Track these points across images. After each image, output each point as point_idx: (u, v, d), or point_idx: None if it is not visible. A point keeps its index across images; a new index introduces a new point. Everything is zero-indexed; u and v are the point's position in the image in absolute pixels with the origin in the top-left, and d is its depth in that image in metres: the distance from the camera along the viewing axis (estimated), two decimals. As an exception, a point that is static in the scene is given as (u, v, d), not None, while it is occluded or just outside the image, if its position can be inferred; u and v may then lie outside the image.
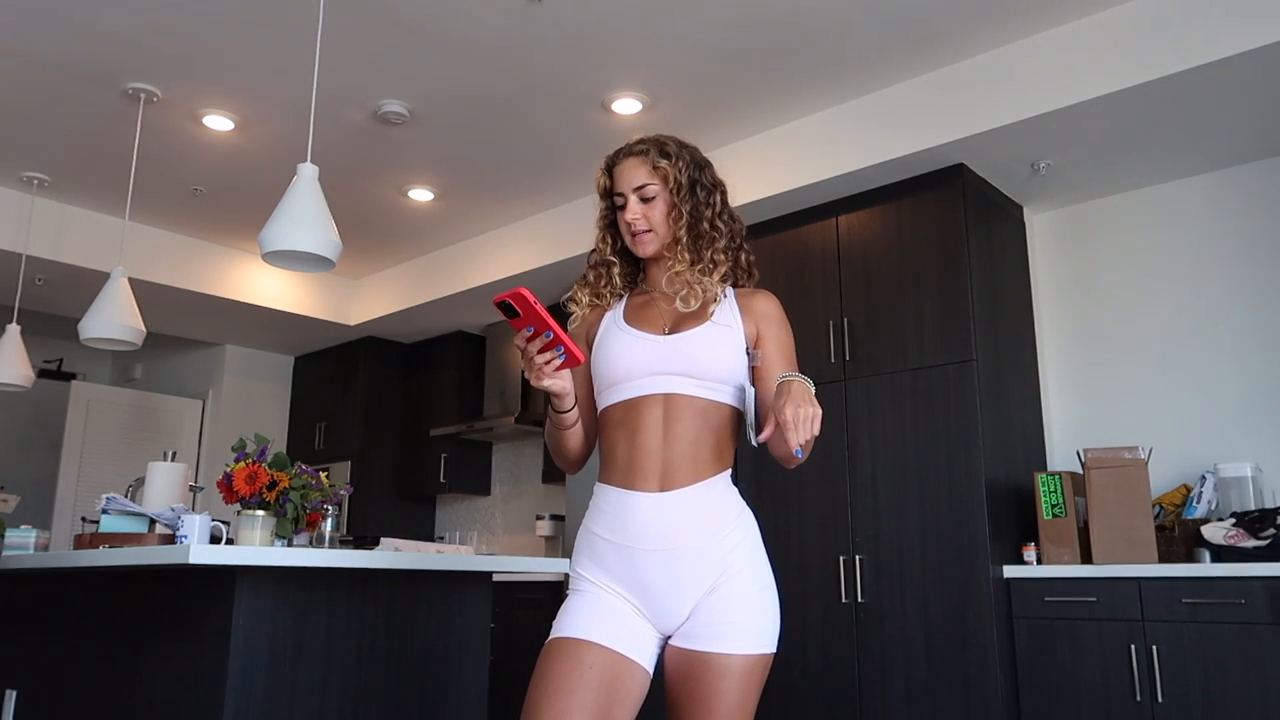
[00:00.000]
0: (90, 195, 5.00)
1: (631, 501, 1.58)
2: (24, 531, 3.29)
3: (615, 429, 1.64)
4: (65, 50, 3.63)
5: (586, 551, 1.64)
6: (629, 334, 1.68)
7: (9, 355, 4.53)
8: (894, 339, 3.86)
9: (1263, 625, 2.99)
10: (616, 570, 1.58)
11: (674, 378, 1.62)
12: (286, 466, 2.78)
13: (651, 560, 1.56)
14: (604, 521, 1.61)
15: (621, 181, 1.71)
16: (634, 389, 1.63)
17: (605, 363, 1.67)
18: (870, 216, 4.04)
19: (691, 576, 1.55)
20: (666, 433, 1.60)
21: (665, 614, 1.57)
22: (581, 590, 1.62)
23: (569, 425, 1.69)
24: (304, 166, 2.83)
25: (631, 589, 1.58)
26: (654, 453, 1.59)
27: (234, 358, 6.79)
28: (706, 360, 1.63)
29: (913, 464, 3.71)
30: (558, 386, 1.57)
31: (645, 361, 1.63)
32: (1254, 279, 3.72)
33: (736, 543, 1.60)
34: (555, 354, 1.49)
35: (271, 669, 2.39)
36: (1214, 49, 3.06)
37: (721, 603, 1.55)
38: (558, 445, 1.74)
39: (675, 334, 1.66)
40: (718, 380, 1.64)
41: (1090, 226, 4.16)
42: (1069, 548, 3.47)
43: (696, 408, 1.62)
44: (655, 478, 1.58)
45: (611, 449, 1.65)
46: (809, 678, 3.80)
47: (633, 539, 1.57)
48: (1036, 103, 3.43)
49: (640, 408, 1.62)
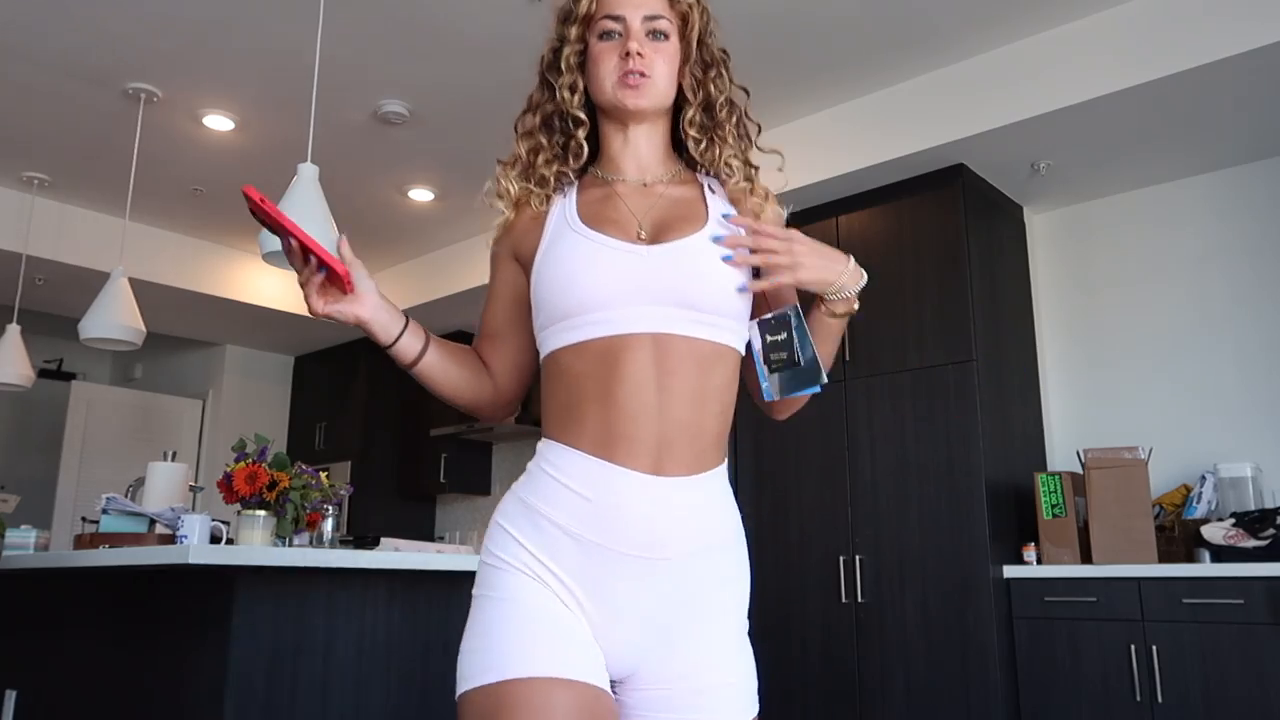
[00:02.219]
0: (90, 195, 5.00)
1: (615, 482, 1.11)
2: (24, 531, 3.30)
3: (578, 382, 1.15)
4: (65, 50, 3.63)
5: (529, 535, 1.14)
6: (592, 241, 1.18)
7: (9, 355, 4.53)
8: (894, 339, 3.86)
9: (1263, 625, 2.99)
10: (574, 575, 1.12)
11: (666, 309, 1.14)
12: (286, 466, 2.78)
13: (629, 571, 1.11)
14: (565, 503, 1.12)
15: (623, 3, 1.24)
16: (607, 324, 1.14)
17: (561, 284, 1.17)
18: (870, 216, 4.04)
19: (673, 602, 1.13)
20: (661, 390, 1.13)
21: (618, 645, 1.13)
22: (511, 594, 1.12)
23: (408, 364, 1.26)
24: (304, 166, 2.83)
25: (588, 605, 1.12)
26: (645, 418, 1.12)
27: (234, 358, 6.79)
28: (714, 283, 1.17)
29: (913, 464, 3.71)
30: (341, 313, 1.18)
31: (624, 283, 1.15)
32: (1254, 279, 3.72)
33: (732, 575, 1.20)
34: (315, 269, 1.18)
35: (271, 669, 2.39)
36: (1214, 49, 3.06)
37: (706, 647, 1.15)
38: (426, 387, 1.31)
39: (662, 243, 1.18)
40: (725, 314, 1.18)
41: (1090, 226, 4.16)
42: (1069, 548, 3.47)
43: (697, 355, 1.16)
44: (647, 453, 1.12)
45: (575, 402, 1.16)
46: (809, 678, 3.80)
47: (610, 536, 1.10)
48: (1036, 103, 3.43)
49: (618, 353, 1.13)
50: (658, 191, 1.26)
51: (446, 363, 1.28)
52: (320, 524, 2.98)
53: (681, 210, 1.23)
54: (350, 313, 1.19)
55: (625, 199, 1.24)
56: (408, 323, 1.25)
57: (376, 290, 1.23)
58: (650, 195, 1.25)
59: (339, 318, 1.19)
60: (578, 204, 1.24)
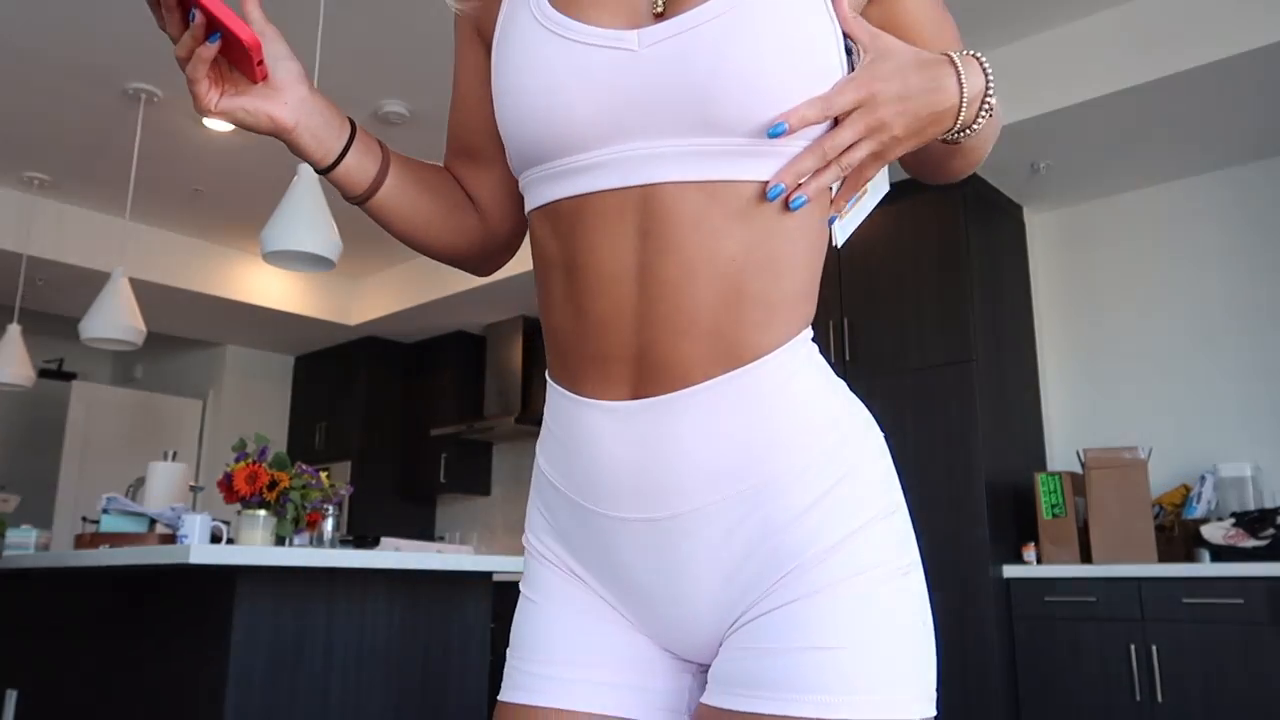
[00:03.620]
0: (90, 195, 5.00)
1: (583, 421, 0.79)
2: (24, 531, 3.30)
3: (548, 268, 0.81)
4: (65, 50, 3.63)
5: (539, 505, 0.87)
6: (555, 34, 0.76)
7: (9, 355, 4.53)
8: (894, 339, 3.86)
9: (1262, 625, 2.99)
10: (578, 545, 0.83)
11: (662, 140, 0.73)
12: (287, 466, 2.78)
13: (628, 536, 0.79)
14: (553, 451, 0.84)
15: None
16: (569, 176, 0.77)
17: (509, 111, 0.79)
18: (870, 216, 4.04)
19: (711, 569, 0.77)
20: (646, 280, 0.74)
21: (675, 632, 0.81)
22: (538, 590, 0.86)
23: (360, 194, 0.90)
24: (304, 166, 2.84)
25: (607, 582, 0.82)
26: (617, 326, 0.76)
27: (234, 358, 6.79)
28: (760, 85, 0.71)
29: (913, 464, 3.71)
30: (247, 113, 0.80)
31: (607, 102, 0.74)
32: (1254, 279, 3.72)
33: (827, 489, 0.75)
34: (200, 38, 0.75)
35: (272, 669, 2.39)
36: (1214, 49, 3.06)
37: (800, 614, 0.72)
38: (387, 230, 0.96)
39: (673, 15, 0.73)
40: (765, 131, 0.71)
41: (1090, 226, 4.16)
42: (1069, 548, 3.47)
43: (724, 212, 0.73)
44: (624, 375, 0.76)
45: (546, 309, 0.82)
46: (809, 678, 3.79)
47: (587, 493, 0.80)
48: (1036, 103, 3.43)
49: (584, 220, 0.76)
50: None
51: (416, 191, 0.93)
52: (320, 524, 2.99)
53: None
54: (262, 112, 0.80)
55: None
56: (354, 132, 0.87)
57: (305, 79, 0.83)
58: None
59: (241, 121, 0.80)
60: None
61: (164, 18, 0.75)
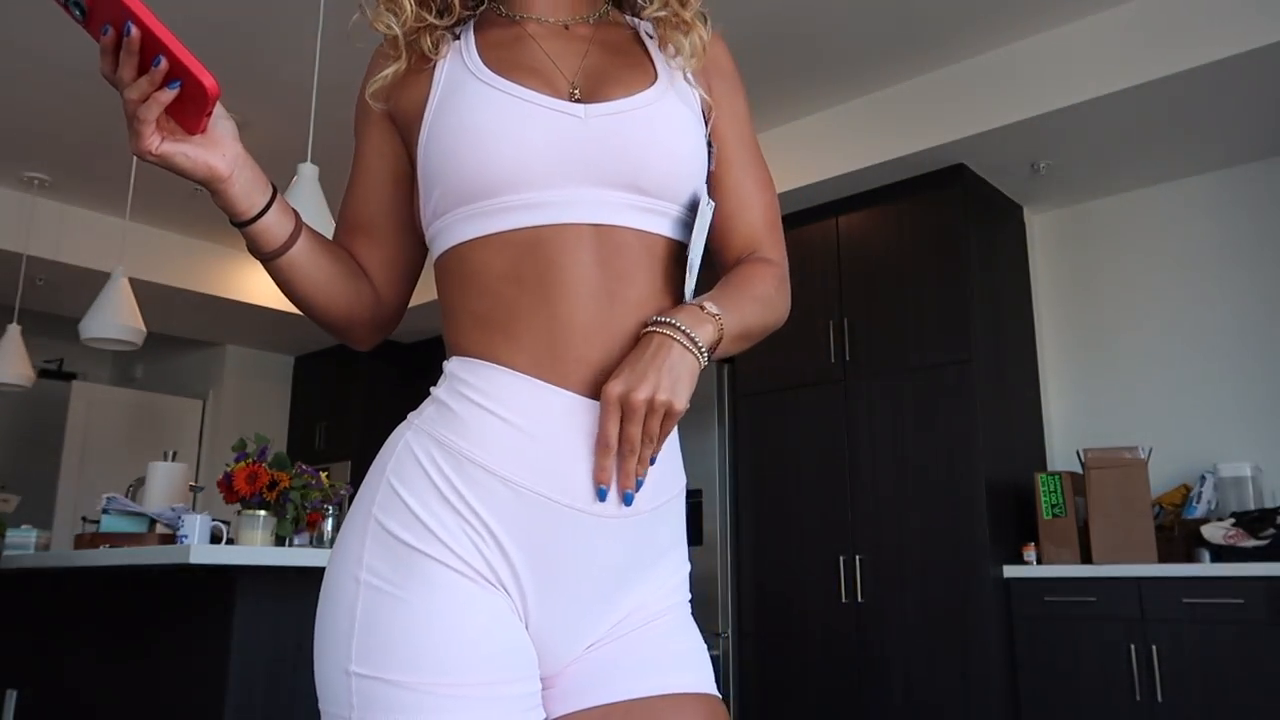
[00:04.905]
0: (90, 195, 5.00)
1: (559, 409, 0.85)
2: (24, 531, 3.30)
3: (500, 287, 0.88)
4: (65, 50, 3.63)
5: (447, 491, 0.84)
6: (508, 94, 0.89)
7: (9, 355, 4.54)
8: (894, 339, 3.86)
9: (1262, 625, 2.99)
10: (520, 545, 0.84)
11: (611, 192, 0.88)
12: (287, 466, 2.78)
13: (579, 533, 0.85)
14: (498, 438, 0.84)
15: None
16: (537, 210, 0.87)
17: (467, 152, 0.88)
18: (870, 216, 4.04)
19: (634, 570, 0.89)
20: (614, 299, 0.88)
21: (567, 634, 0.87)
22: (434, 596, 0.81)
23: (272, 250, 0.93)
24: (304, 166, 2.84)
25: (532, 578, 0.84)
26: (599, 337, 0.87)
27: (234, 358, 6.79)
28: (675, 160, 0.91)
29: (913, 464, 3.71)
30: (188, 159, 0.82)
31: (557, 154, 0.88)
32: (1254, 279, 3.72)
33: (681, 535, 0.96)
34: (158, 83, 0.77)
35: (272, 669, 2.39)
36: (1214, 49, 3.06)
37: (653, 636, 0.91)
38: (286, 293, 0.99)
39: (604, 100, 0.91)
40: (684, 203, 0.93)
41: (1090, 226, 4.16)
42: (1069, 548, 3.47)
43: (652, 255, 0.91)
44: (595, 378, 0.86)
45: (494, 316, 0.89)
46: (809, 678, 3.80)
47: (554, 484, 0.83)
48: (1036, 103, 3.43)
49: (554, 251, 0.87)
50: (581, 34, 0.97)
51: (321, 257, 0.96)
52: (320, 524, 2.99)
53: (620, 61, 0.95)
54: (201, 161, 0.83)
55: (541, 42, 0.95)
56: (275, 194, 0.91)
57: (238, 138, 0.87)
58: (574, 40, 0.96)
59: (180, 167, 0.82)
60: (478, 47, 0.94)
61: (118, 62, 0.77)
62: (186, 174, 0.83)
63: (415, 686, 0.78)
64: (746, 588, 4.04)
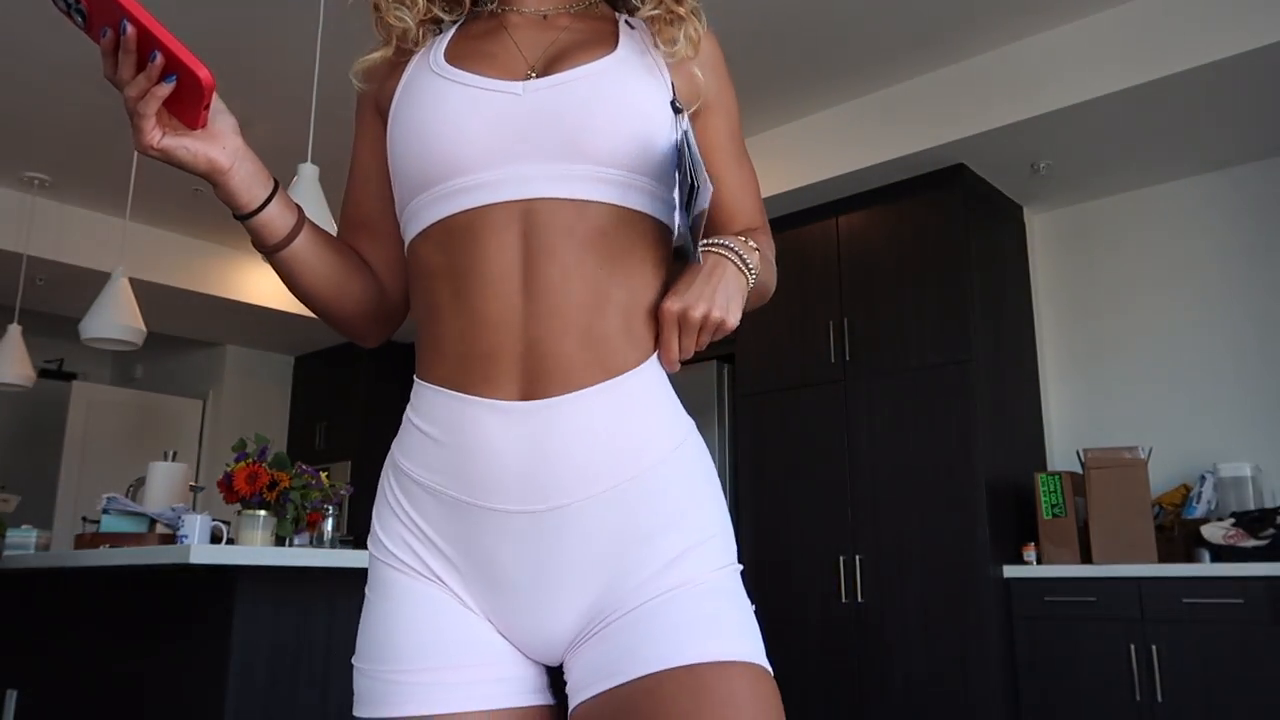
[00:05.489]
0: (90, 195, 5.00)
1: (468, 417, 0.86)
2: (24, 531, 3.30)
3: (433, 279, 0.90)
4: (65, 50, 3.63)
5: (395, 507, 0.92)
6: (450, 81, 0.92)
7: (9, 355, 4.54)
8: (894, 339, 3.86)
9: (1262, 625, 2.99)
10: (448, 544, 0.88)
11: (543, 165, 0.87)
12: (287, 466, 2.78)
13: (509, 532, 0.86)
14: (421, 452, 0.90)
15: None
16: (466, 195, 0.88)
17: (408, 142, 0.91)
18: (870, 216, 4.04)
19: (582, 562, 0.86)
20: (531, 281, 0.86)
21: (532, 627, 0.88)
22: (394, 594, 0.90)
23: (275, 244, 0.95)
24: (304, 166, 2.84)
25: (472, 579, 0.88)
26: (508, 325, 0.86)
27: (234, 358, 6.79)
28: (621, 123, 0.89)
29: (913, 464, 3.71)
30: (188, 153, 0.84)
31: (489, 134, 0.88)
32: (1253, 279, 3.72)
33: (679, 511, 0.88)
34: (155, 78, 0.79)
35: (272, 669, 2.39)
36: (1214, 49, 3.06)
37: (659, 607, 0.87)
38: (291, 288, 1.01)
39: (549, 75, 0.91)
40: (633, 165, 0.89)
41: (1090, 226, 4.16)
42: (1069, 548, 3.47)
43: (589, 226, 0.88)
44: (513, 373, 0.86)
45: (431, 317, 0.91)
46: (809, 678, 3.80)
47: (470, 488, 0.86)
48: (1036, 103, 3.43)
49: (475, 235, 0.88)
50: (560, 24, 0.98)
51: (324, 251, 0.98)
52: (320, 524, 2.99)
53: (584, 41, 0.95)
54: (202, 154, 0.85)
55: (514, 32, 0.97)
56: (277, 187, 0.92)
57: (239, 131, 0.88)
58: (551, 29, 0.97)
59: (181, 160, 0.84)
60: (450, 40, 0.97)
61: (118, 62, 0.79)
62: (188, 167, 0.85)
63: (374, 674, 0.88)
64: (746, 587, 4.03)
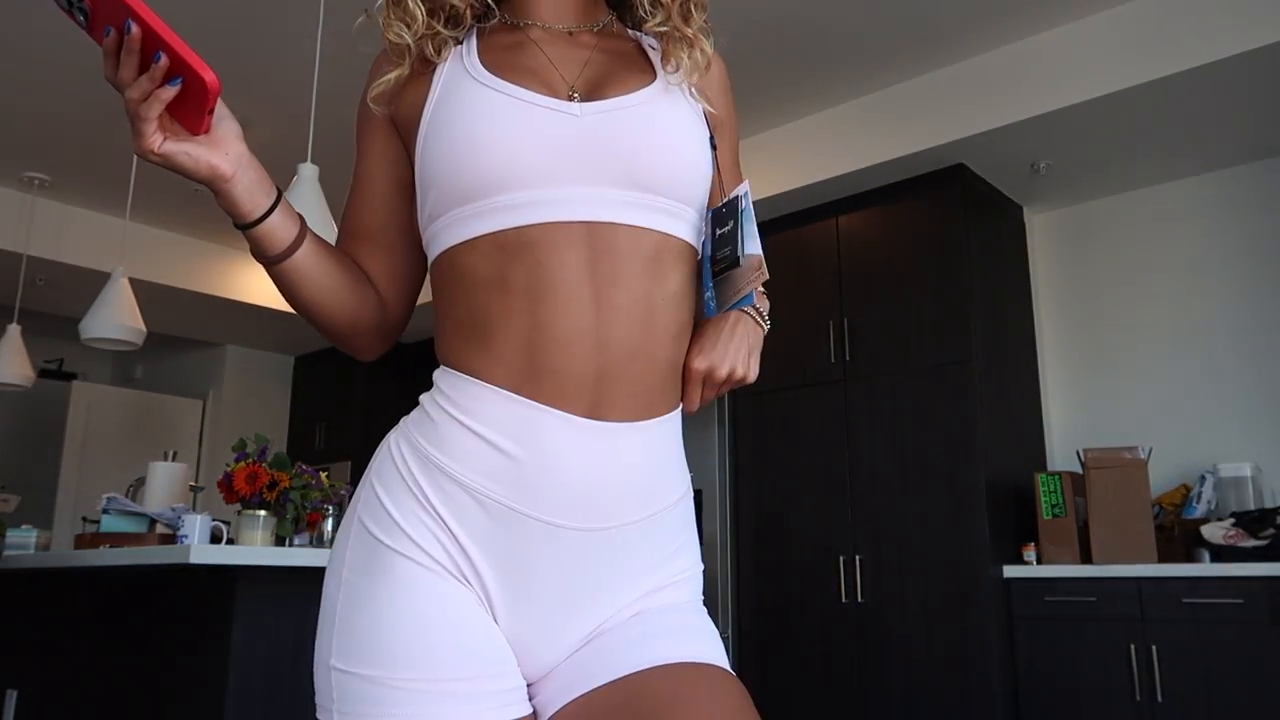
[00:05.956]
0: (90, 195, 5.00)
1: (546, 430, 0.85)
2: (24, 531, 3.30)
3: (484, 292, 0.88)
4: (65, 50, 3.63)
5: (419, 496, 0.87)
6: (504, 94, 0.89)
7: (9, 355, 4.54)
8: (894, 339, 3.86)
9: (1262, 625, 2.99)
10: (486, 554, 0.85)
11: (604, 189, 0.87)
12: (287, 466, 2.78)
13: (556, 546, 0.85)
14: (479, 459, 0.85)
15: None
16: (527, 209, 0.86)
17: (460, 152, 0.88)
18: (870, 216, 4.04)
19: (608, 582, 0.89)
20: (601, 303, 0.86)
21: (544, 639, 0.88)
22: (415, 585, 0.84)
23: (276, 254, 0.91)
24: (304, 166, 2.84)
25: (499, 586, 0.86)
26: (582, 344, 0.85)
27: (234, 358, 6.79)
28: (673, 153, 0.91)
29: (913, 464, 3.71)
30: (191, 159, 0.81)
31: (551, 151, 0.87)
32: (1254, 279, 3.72)
33: (680, 545, 0.95)
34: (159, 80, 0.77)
35: (272, 669, 2.39)
36: (1213, 49, 3.06)
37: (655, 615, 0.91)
38: (290, 300, 0.97)
39: (600, 99, 0.91)
40: (684, 198, 0.92)
41: (1090, 226, 4.16)
42: (1069, 548, 3.47)
43: (647, 253, 0.89)
44: (583, 392, 0.85)
45: (479, 322, 0.88)
46: (809, 678, 3.80)
47: (539, 504, 0.84)
48: (1036, 103, 3.43)
49: (541, 251, 0.86)
50: (586, 43, 0.98)
51: (325, 263, 0.95)
52: (320, 524, 2.99)
53: (621, 64, 0.96)
54: (204, 160, 0.82)
55: (545, 47, 0.95)
56: (280, 196, 0.90)
57: (242, 138, 0.86)
58: (577, 46, 0.97)
59: (182, 166, 0.81)
60: (479, 50, 0.94)
61: (120, 62, 0.76)
62: (189, 174, 0.83)
63: (384, 681, 0.81)
64: (746, 588, 4.04)
